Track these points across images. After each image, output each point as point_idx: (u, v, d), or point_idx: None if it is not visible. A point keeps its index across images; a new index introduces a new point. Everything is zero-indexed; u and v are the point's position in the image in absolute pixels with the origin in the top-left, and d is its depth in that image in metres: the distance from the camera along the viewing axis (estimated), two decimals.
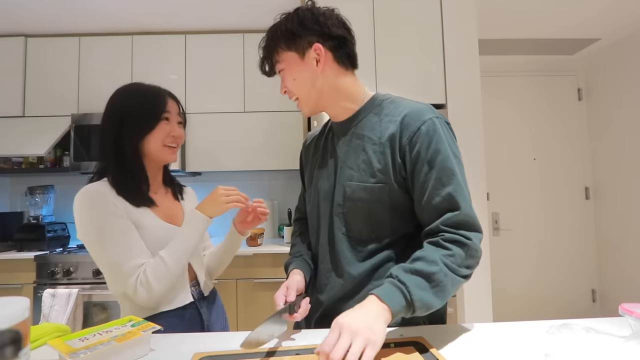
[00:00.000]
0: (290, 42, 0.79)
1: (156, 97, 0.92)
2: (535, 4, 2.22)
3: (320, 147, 0.92)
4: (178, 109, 0.96)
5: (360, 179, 0.77)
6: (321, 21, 0.78)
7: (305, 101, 0.83)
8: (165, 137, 0.91)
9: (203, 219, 0.90)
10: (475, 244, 0.68)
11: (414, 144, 0.72)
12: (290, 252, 0.97)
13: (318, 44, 0.78)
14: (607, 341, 0.58)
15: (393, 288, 0.62)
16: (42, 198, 2.38)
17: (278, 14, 0.85)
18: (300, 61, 0.79)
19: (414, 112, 0.75)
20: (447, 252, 0.66)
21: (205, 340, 0.72)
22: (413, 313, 0.62)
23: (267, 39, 0.82)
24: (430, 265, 0.64)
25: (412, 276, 0.63)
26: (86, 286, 1.95)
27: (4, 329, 0.42)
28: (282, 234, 2.50)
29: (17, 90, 2.43)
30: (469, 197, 0.72)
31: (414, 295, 0.60)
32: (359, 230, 0.79)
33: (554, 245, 2.88)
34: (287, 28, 0.78)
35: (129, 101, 0.91)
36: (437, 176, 0.70)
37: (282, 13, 0.84)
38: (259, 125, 2.46)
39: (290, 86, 0.82)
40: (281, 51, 0.80)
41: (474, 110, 1.99)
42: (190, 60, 2.49)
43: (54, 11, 2.26)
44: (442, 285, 0.63)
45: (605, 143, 2.81)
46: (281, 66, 0.81)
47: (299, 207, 1.06)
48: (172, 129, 0.92)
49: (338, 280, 0.80)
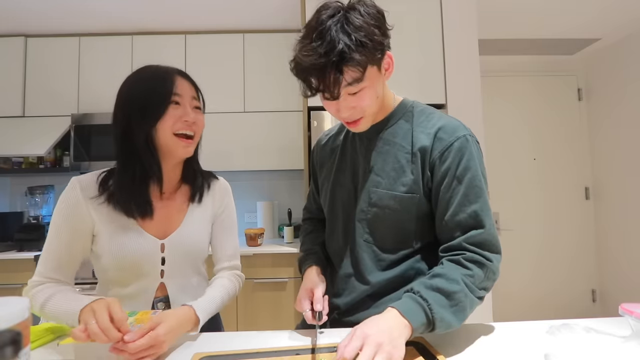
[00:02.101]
0: (378, 54, 0.67)
1: (162, 79, 0.78)
2: (535, 4, 2.22)
3: (339, 147, 0.88)
4: (194, 92, 0.82)
5: (389, 187, 0.75)
6: (387, 24, 0.70)
7: (371, 117, 0.75)
8: (175, 123, 0.77)
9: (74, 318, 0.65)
10: (495, 266, 0.68)
11: (445, 159, 0.71)
12: (303, 249, 0.93)
13: (389, 52, 0.71)
14: (607, 341, 0.58)
15: (415, 304, 0.60)
16: (42, 198, 2.38)
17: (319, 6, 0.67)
18: (379, 74, 0.70)
19: (448, 127, 0.73)
20: (467, 272, 0.65)
21: (205, 340, 0.72)
22: (432, 331, 0.60)
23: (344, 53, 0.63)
24: (451, 283, 0.63)
25: (434, 293, 0.62)
26: (86, 286, 1.95)
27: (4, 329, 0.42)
28: (282, 234, 2.50)
29: (17, 90, 2.43)
30: (492, 218, 0.71)
31: (436, 313, 0.59)
32: (382, 239, 0.77)
33: (554, 245, 2.88)
34: (377, 38, 0.65)
35: (135, 87, 0.78)
36: (465, 192, 0.69)
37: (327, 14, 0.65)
38: (259, 125, 2.46)
39: (369, 105, 0.71)
40: (369, 66, 0.66)
41: (474, 110, 1.99)
42: (190, 60, 2.49)
43: (54, 11, 2.25)
44: (461, 305, 0.62)
45: (605, 143, 2.81)
46: (364, 84, 0.67)
47: (307, 206, 1.03)
48: (183, 113, 0.78)
49: (358, 286, 0.78)
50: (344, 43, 0.62)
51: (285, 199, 2.69)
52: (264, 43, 2.49)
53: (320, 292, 0.76)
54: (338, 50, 0.62)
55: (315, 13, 0.68)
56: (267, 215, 2.50)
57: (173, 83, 0.78)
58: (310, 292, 0.76)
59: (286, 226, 2.33)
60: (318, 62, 0.63)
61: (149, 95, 0.76)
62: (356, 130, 0.77)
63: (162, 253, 0.81)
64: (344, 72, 0.64)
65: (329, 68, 0.64)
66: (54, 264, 0.76)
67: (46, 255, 0.77)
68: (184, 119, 0.78)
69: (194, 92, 0.82)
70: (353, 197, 0.81)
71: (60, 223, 0.76)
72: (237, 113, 2.44)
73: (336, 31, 0.63)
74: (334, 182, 0.86)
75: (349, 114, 0.71)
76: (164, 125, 0.76)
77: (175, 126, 0.77)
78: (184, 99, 0.79)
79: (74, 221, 0.77)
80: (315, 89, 0.68)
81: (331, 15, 0.65)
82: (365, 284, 0.77)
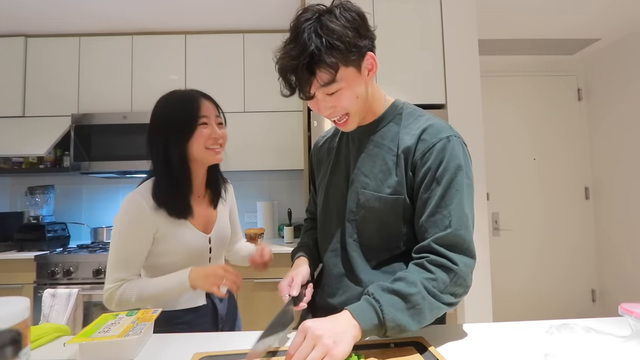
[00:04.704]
0: (352, 56, 0.68)
1: (191, 103, 0.93)
2: (535, 4, 2.22)
3: (334, 149, 0.89)
4: (216, 111, 0.98)
5: (375, 188, 0.76)
6: (369, 26, 0.71)
7: (357, 116, 0.76)
8: (206, 141, 0.93)
9: (185, 286, 0.87)
10: (462, 270, 0.65)
11: (426, 160, 0.71)
12: (298, 244, 0.98)
13: (371, 53, 0.72)
14: (607, 341, 0.58)
15: (367, 305, 0.61)
16: (42, 198, 2.38)
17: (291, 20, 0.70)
18: (358, 75, 0.71)
19: (432, 128, 0.73)
20: (429, 276, 0.64)
21: (205, 340, 0.72)
22: (385, 333, 0.60)
23: (314, 55, 0.65)
24: (409, 286, 0.62)
25: (389, 295, 0.61)
26: (86, 286, 1.95)
27: (4, 329, 0.42)
28: (282, 234, 2.50)
29: (17, 90, 2.43)
30: (469, 220, 0.69)
31: (387, 314, 0.59)
32: (370, 238, 0.78)
33: (554, 245, 2.88)
34: (348, 40, 0.66)
35: (167, 110, 0.94)
36: (442, 194, 0.69)
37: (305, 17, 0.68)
38: (259, 125, 2.46)
39: (349, 105, 0.72)
40: (342, 68, 0.67)
41: (473, 110, 1.99)
42: (190, 60, 2.48)
43: (54, 11, 2.25)
44: (418, 308, 0.61)
45: (605, 143, 2.81)
46: (339, 85, 0.69)
47: (309, 208, 1.06)
48: (211, 131, 0.94)
49: (351, 286, 0.79)
50: (315, 45, 0.65)
51: (285, 199, 2.69)
52: (264, 43, 2.49)
53: (299, 279, 0.79)
54: (308, 52, 0.65)
55: (295, 17, 0.70)
56: (267, 215, 2.50)
57: (199, 108, 0.93)
58: (291, 279, 0.79)
59: (286, 226, 2.33)
60: (290, 63, 0.67)
61: (180, 117, 0.92)
62: (345, 130, 0.79)
63: (210, 244, 1.01)
64: (316, 74, 0.67)
65: (299, 69, 0.66)
66: (128, 265, 0.90)
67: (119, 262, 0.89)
68: (213, 136, 0.94)
69: (216, 111, 0.98)
70: (344, 197, 0.82)
71: (129, 233, 0.89)
72: (237, 113, 2.45)
73: (309, 34, 0.65)
74: (328, 183, 0.87)
75: (329, 112, 0.74)
76: (196, 142, 0.92)
77: (207, 143, 0.93)
78: (210, 119, 0.94)
79: (142, 229, 0.90)
80: (292, 88, 0.71)
81: (308, 19, 0.67)
82: (357, 283, 0.78)
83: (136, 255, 0.90)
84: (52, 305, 1.87)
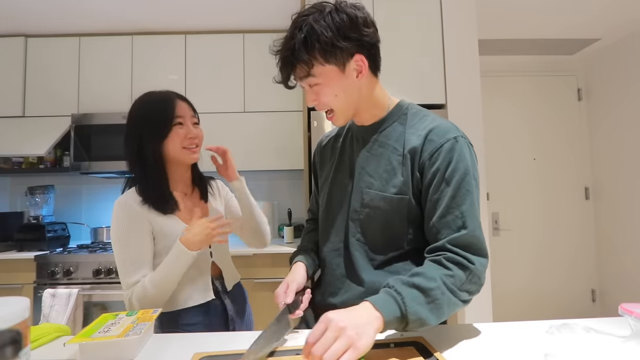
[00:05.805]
0: (330, 55, 0.70)
1: (165, 104, 0.95)
2: (535, 4, 2.22)
3: (338, 148, 0.90)
4: (191, 111, 0.99)
5: (380, 188, 0.76)
6: (360, 28, 0.72)
7: (342, 114, 0.78)
8: (182, 140, 0.95)
9: (184, 252, 0.89)
10: (477, 269, 0.66)
11: (434, 160, 0.71)
12: (298, 246, 0.97)
13: (360, 55, 0.73)
14: (607, 341, 0.58)
15: (388, 297, 0.60)
16: (42, 198, 2.37)
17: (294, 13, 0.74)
18: (341, 75, 0.73)
19: (439, 129, 0.74)
20: (447, 272, 0.65)
21: (205, 340, 0.72)
22: (406, 326, 0.60)
23: (294, 49, 0.70)
24: (428, 281, 0.62)
25: (410, 289, 0.61)
26: (86, 286, 1.95)
27: (4, 329, 0.42)
28: (282, 234, 2.49)
29: (17, 90, 2.43)
30: (479, 220, 0.70)
31: (409, 307, 0.59)
32: (374, 238, 0.78)
33: (554, 245, 2.88)
34: (325, 39, 0.69)
35: (142, 111, 0.96)
36: (452, 194, 0.69)
37: (302, 13, 0.73)
38: (259, 125, 2.46)
39: (329, 102, 0.75)
40: (317, 65, 0.71)
41: (473, 110, 1.99)
42: (190, 60, 2.48)
43: (54, 11, 2.25)
44: (437, 303, 0.61)
45: (605, 143, 2.81)
46: (317, 81, 0.73)
47: (310, 208, 1.06)
48: (187, 131, 0.96)
49: (353, 286, 0.79)
50: (295, 41, 0.70)
51: (285, 199, 2.69)
52: (264, 43, 2.46)
53: (294, 286, 0.79)
54: (289, 47, 0.71)
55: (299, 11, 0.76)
56: (267, 215, 2.47)
57: (174, 108, 0.95)
58: (286, 286, 0.79)
59: (286, 226, 2.33)
60: (276, 54, 0.75)
61: (155, 118, 0.94)
62: (334, 124, 0.82)
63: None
64: (296, 67, 0.73)
65: (281, 60, 0.74)
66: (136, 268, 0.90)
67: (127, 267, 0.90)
68: (188, 136, 0.96)
69: (192, 111, 1.00)
70: (348, 197, 0.82)
71: (127, 235, 0.91)
72: (237, 113, 2.44)
73: (294, 29, 0.71)
74: (332, 182, 0.87)
75: (313, 104, 0.78)
76: (171, 142, 0.94)
77: (183, 142, 0.95)
78: (186, 119, 0.97)
79: (138, 228, 0.92)
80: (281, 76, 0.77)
81: (303, 15, 0.73)
82: (359, 283, 0.78)
83: (141, 255, 0.91)
84: (52, 305, 1.87)
